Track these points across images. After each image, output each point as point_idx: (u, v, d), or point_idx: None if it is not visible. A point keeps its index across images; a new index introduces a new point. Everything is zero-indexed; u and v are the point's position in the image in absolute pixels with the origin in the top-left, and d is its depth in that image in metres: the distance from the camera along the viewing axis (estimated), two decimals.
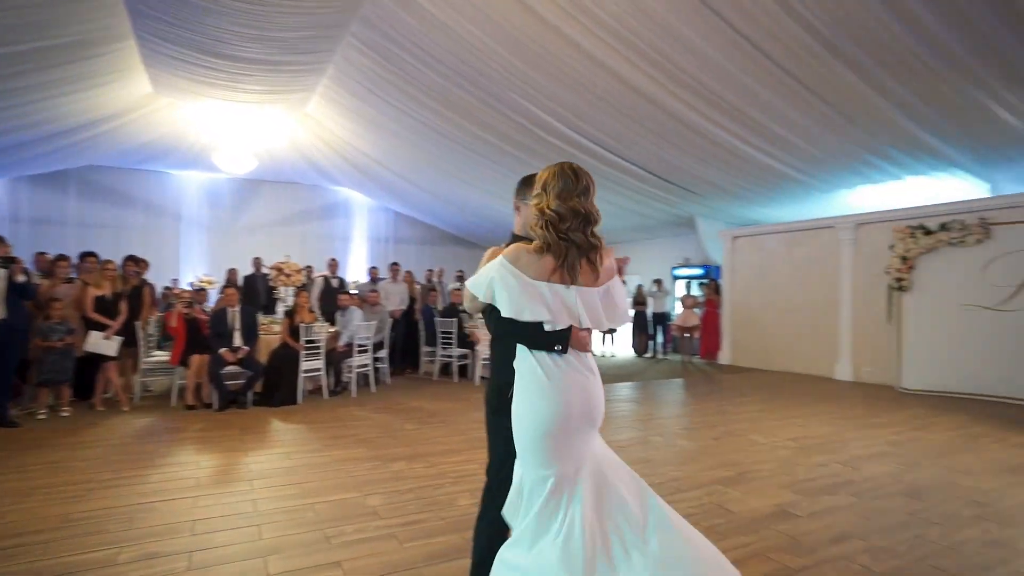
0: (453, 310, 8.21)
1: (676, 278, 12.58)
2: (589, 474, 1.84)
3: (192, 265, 14.14)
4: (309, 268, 9.49)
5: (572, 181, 1.86)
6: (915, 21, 4.74)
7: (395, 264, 8.82)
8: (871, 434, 5.25)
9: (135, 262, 6.69)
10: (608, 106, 7.41)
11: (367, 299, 7.59)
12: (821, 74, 5.81)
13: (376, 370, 7.42)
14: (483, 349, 7.91)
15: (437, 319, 8.04)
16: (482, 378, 8.11)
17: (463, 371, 8.40)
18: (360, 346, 6.81)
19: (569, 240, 1.83)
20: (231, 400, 5.95)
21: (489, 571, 1.95)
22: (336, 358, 6.72)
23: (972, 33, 4.73)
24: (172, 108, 10.46)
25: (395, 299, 8.36)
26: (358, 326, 6.72)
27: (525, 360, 1.88)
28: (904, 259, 7.67)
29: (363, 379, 7.32)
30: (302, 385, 6.32)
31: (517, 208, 2.11)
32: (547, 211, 1.85)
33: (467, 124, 9.14)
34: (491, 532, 2.02)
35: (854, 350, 8.74)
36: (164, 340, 7.56)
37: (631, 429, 5.44)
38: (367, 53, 7.96)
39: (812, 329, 9.34)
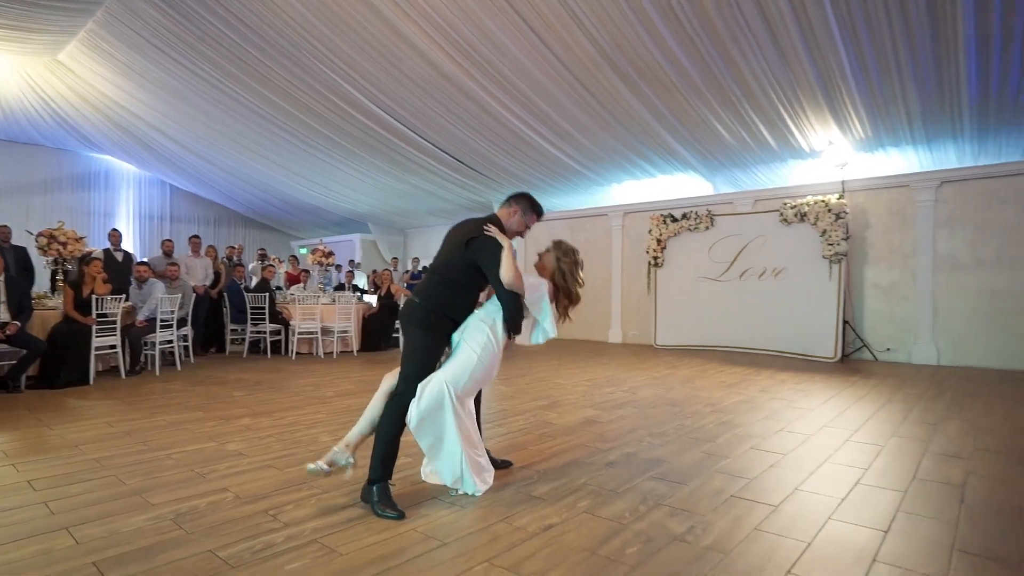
0: (264, 285, 7.92)
1: None
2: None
3: None
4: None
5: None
6: (665, 47, 6.15)
7: (196, 237, 8.11)
8: (640, 373, 6.68)
9: None
10: (418, 88, 7.84)
11: (166, 273, 6.93)
12: (602, 83, 7.08)
13: (180, 348, 6.87)
14: (298, 324, 7.81)
15: (248, 295, 7.68)
16: (298, 353, 7.99)
17: (274, 348, 8.16)
18: (164, 321, 6.26)
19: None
20: None
21: (395, 447, 2.51)
22: (135, 334, 6.09)
23: (699, 60, 6.30)
24: None
25: (198, 273, 7.72)
26: (161, 299, 6.18)
27: (495, 330, 2.68)
28: (659, 241, 9.60)
29: (163, 358, 6.73)
30: (93, 363, 5.63)
31: (515, 212, 2.86)
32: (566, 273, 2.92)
33: (270, 94, 8.77)
34: (396, 419, 2.48)
35: (623, 318, 10.61)
36: None
37: None
38: (153, 1, 7.22)
39: (592, 302, 11.03)
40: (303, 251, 16.28)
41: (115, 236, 7.52)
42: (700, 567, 1.97)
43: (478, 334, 2.66)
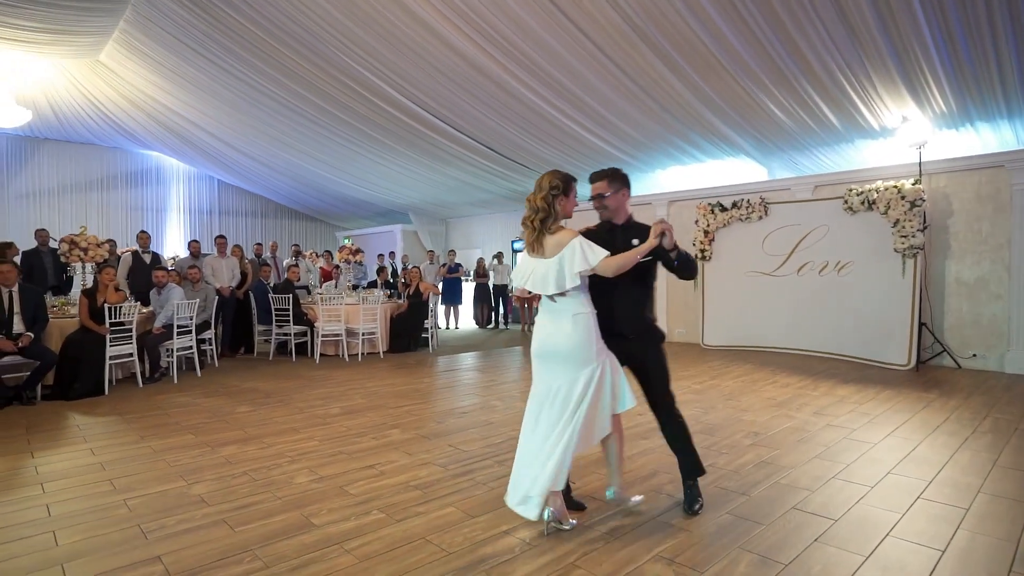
0: (289, 286, 7.75)
1: (516, 251, 13.11)
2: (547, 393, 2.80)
3: None
4: (111, 242, 8.30)
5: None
6: (711, 23, 5.40)
7: (221, 237, 8.03)
8: (680, 385, 6.01)
9: None
10: (449, 81, 7.41)
11: (187, 275, 6.85)
12: (641, 67, 6.38)
13: (202, 353, 6.79)
14: (322, 326, 7.60)
15: (271, 295, 7.54)
16: (323, 355, 7.81)
17: (301, 349, 8.01)
18: (181, 327, 6.16)
19: (527, 225, 2.71)
20: (11, 397, 5.06)
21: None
22: (151, 341, 6.01)
23: (751, 38, 5.51)
24: None
25: (224, 275, 7.64)
26: (178, 305, 6.06)
27: None
28: (706, 233, 8.81)
29: (185, 363, 6.67)
30: (109, 373, 5.57)
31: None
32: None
33: (300, 89, 8.55)
34: None
35: (669, 313, 9.90)
36: None
37: (473, 396, 5.65)
38: None
39: None
40: (346, 241, 16.29)
41: (143, 238, 7.52)
42: None
43: None
